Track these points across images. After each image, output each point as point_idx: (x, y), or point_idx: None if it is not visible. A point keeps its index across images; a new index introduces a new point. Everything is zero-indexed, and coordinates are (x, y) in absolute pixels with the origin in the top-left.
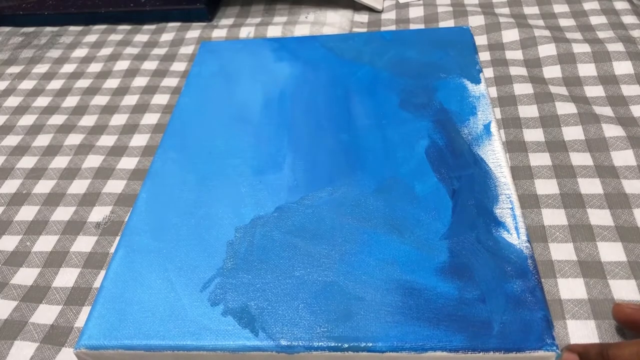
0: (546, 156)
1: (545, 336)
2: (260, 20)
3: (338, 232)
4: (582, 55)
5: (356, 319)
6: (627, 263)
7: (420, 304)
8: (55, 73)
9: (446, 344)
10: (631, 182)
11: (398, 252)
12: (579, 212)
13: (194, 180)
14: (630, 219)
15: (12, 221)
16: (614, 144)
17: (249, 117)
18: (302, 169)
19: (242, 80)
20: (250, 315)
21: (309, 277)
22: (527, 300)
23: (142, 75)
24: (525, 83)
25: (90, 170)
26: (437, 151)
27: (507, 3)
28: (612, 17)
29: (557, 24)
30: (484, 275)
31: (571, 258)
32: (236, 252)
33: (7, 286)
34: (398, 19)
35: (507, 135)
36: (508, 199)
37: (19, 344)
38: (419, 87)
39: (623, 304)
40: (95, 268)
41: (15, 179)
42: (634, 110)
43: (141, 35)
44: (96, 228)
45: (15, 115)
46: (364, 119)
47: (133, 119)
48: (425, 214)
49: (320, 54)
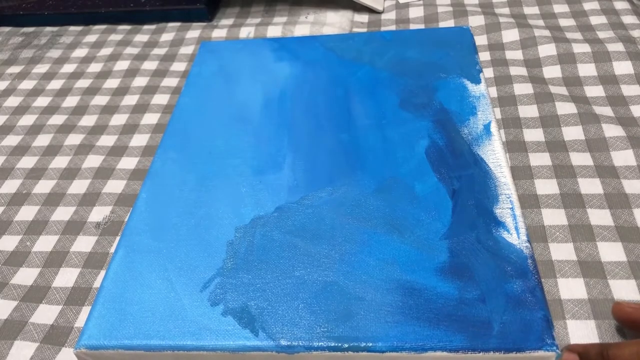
0: (546, 156)
1: (545, 336)
2: (260, 20)
3: (338, 232)
4: (582, 55)
5: (356, 319)
6: (627, 263)
7: (420, 304)
8: (55, 73)
9: (446, 344)
10: (631, 182)
11: (398, 252)
12: (579, 212)
13: (194, 180)
14: (630, 219)
15: (12, 221)
16: (614, 144)
17: (249, 117)
18: (302, 169)
19: (242, 80)
20: (250, 315)
21: (309, 277)
22: (527, 300)
23: (142, 75)
24: (525, 83)
25: (90, 170)
26: (437, 151)
27: (507, 3)
28: (612, 17)
29: (557, 24)
30: (484, 275)
31: (571, 258)
32: (236, 252)
33: (7, 286)
34: (398, 19)
35: (507, 135)
36: (508, 199)
37: (19, 344)
38: (419, 87)
39: (623, 303)
40: (95, 268)
41: (15, 179)
42: (634, 110)
43: (141, 35)
44: (96, 228)
45: (15, 115)
46: (364, 119)
47: (133, 119)
48: (425, 214)
49: (320, 54)
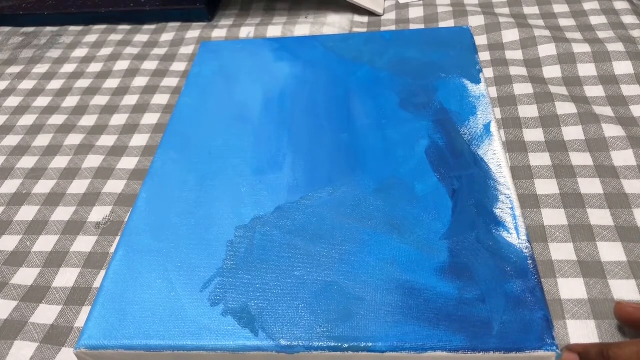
0: (546, 156)
1: (545, 336)
2: (260, 20)
3: (338, 232)
4: (582, 55)
5: (356, 319)
6: (627, 263)
7: (420, 304)
8: (55, 73)
9: (446, 344)
10: (631, 182)
11: (398, 252)
12: (579, 212)
13: (194, 180)
14: (630, 219)
15: (12, 221)
16: (614, 144)
17: (249, 117)
18: (302, 169)
19: (242, 80)
20: (250, 315)
21: (309, 277)
22: (527, 300)
23: (142, 75)
24: (525, 83)
25: (90, 170)
26: (437, 151)
27: (507, 3)
28: (612, 17)
29: (557, 24)
30: (484, 275)
31: (571, 258)
32: (236, 252)
33: (7, 286)
34: (398, 19)
35: (507, 135)
36: (508, 199)
37: (19, 344)
38: (419, 87)
39: (625, 303)
40: (95, 268)
41: (15, 179)
42: (634, 110)
43: (141, 35)
44: (96, 228)
45: (15, 115)
46: (364, 118)
47: (133, 119)
48: (425, 214)
49: (320, 54)
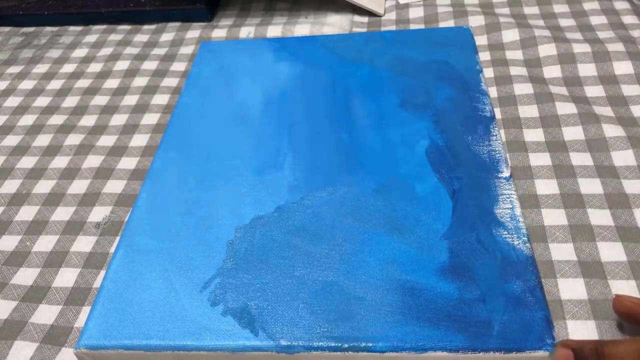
0: (546, 156)
1: (545, 336)
2: (260, 20)
3: (338, 232)
4: (582, 55)
5: (356, 319)
6: (627, 263)
7: (420, 304)
8: (55, 73)
9: (446, 344)
10: (631, 182)
11: (398, 252)
12: (579, 212)
13: (194, 180)
14: (630, 219)
15: (12, 221)
16: (614, 144)
17: (249, 117)
18: (302, 169)
19: (242, 80)
20: (250, 315)
21: (309, 277)
22: (527, 300)
23: (142, 75)
24: (525, 83)
25: (90, 170)
26: (437, 151)
27: (507, 3)
28: (612, 17)
29: (557, 24)
30: (484, 275)
31: (571, 258)
32: (236, 252)
33: (7, 286)
34: (398, 20)
35: (507, 135)
36: (508, 199)
37: (18, 344)
38: (419, 87)
39: (623, 297)
40: (95, 268)
41: (15, 179)
42: (634, 110)
43: (141, 35)
44: (96, 228)
45: (15, 115)
46: (364, 119)
47: (133, 119)
48: (425, 214)
49: (320, 54)
